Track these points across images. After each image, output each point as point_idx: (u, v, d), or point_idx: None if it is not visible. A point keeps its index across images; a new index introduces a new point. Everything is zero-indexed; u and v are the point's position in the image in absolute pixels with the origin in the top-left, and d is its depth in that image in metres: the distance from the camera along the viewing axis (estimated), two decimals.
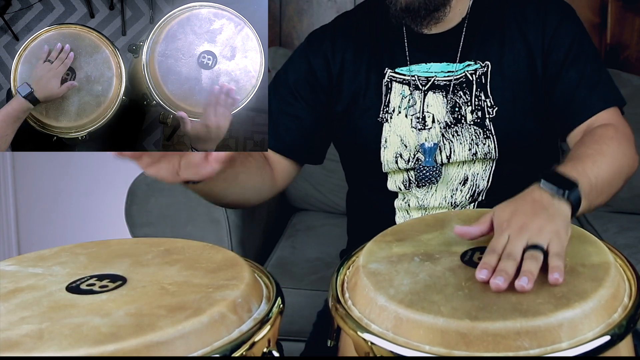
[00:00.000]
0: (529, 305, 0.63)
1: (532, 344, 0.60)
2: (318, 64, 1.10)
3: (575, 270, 0.70)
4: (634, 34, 2.19)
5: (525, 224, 0.73)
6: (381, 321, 0.66)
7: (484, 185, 1.04)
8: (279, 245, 1.81)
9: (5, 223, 2.32)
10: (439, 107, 1.04)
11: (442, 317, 0.63)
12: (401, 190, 1.07)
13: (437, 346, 0.62)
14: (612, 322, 0.64)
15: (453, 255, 0.76)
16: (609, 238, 1.75)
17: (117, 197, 1.69)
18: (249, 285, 0.71)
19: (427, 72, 1.06)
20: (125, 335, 0.60)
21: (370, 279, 0.71)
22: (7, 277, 0.75)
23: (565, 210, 0.77)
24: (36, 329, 0.62)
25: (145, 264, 0.77)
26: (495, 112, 1.03)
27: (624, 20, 2.18)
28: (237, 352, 0.63)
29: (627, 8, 2.17)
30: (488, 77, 1.04)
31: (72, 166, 2.27)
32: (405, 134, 1.05)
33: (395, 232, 0.84)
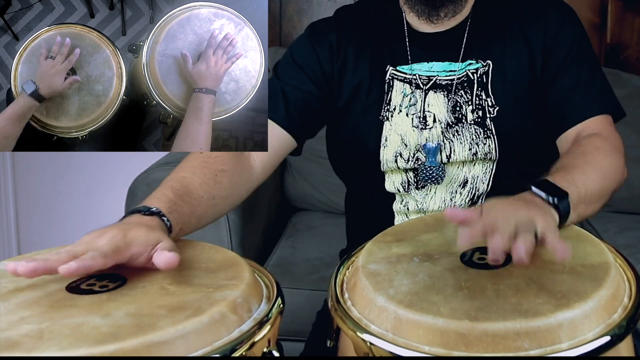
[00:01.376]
0: (529, 306, 0.63)
1: (531, 345, 0.60)
2: (322, 53, 1.09)
3: (575, 270, 0.70)
4: (634, 34, 2.19)
5: (517, 210, 0.73)
6: (380, 322, 0.66)
7: (484, 188, 1.04)
8: (279, 245, 1.81)
9: (5, 223, 2.33)
10: (439, 106, 1.04)
11: (442, 317, 0.63)
12: (399, 192, 1.07)
13: (436, 347, 0.62)
14: (612, 323, 0.64)
15: (453, 255, 0.76)
16: (609, 238, 1.75)
17: (117, 197, 1.69)
18: (249, 285, 0.71)
19: (428, 71, 1.06)
20: (126, 335, 0.60)
21: (370, 279, 0.71)
22: (8, 277, 0.75)
23: (554, 216, 0.77)
24: (36, 328, 0.62)
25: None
26: (496, 111, 1.03)
27: (624, 20, 2.18)
28: (237, 352, 0.63)
29: (627, 8, 2.17)
30: (489, 77, 1.04)
31: (72, 166, 2.27)
32: (406, 133, 1.05)
33: (395, 233, 0.84)
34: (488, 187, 1.04)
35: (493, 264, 0.69)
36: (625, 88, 1.95)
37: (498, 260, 0.68)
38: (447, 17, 1.04)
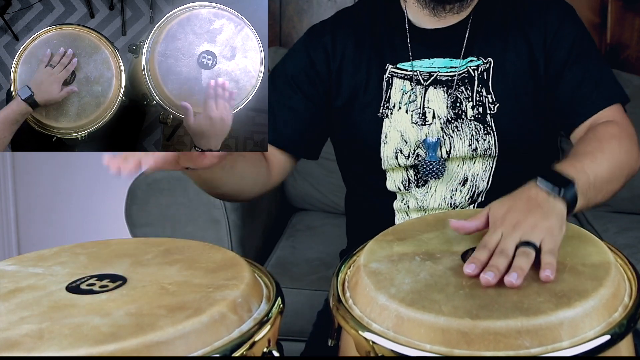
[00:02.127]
0: (530, 304, 0.63)
1: (533, 343, 0.60)
2: (318, 58, 1.10)
3: (575, 269, 0.70)
4: (634, 34, 2.19)
5: (519, 222, 0.74)
6: (382, 320, 0.66)
7: (484, 186, 1.04)
8: (279, 245, 1.81)
9: (5, 223, 2.32)
10: (439, 102, 1.04)
11: (443, 316, 0.63)
12: (400, 191, 1.07)
13: (438, 345, 0.62)
14: (612, 321, 0.64)
15: (454, 254, 0.76)
16: (609, 238, 1.75)
17: (117, 197, 1.69)
18: (249, 285, 0.71)
19: (429, 67, 1.06)
20: (126, 335, 0.60)
21: (371, 278, 0.71)
22: (7, 277, 0.75)
23: (560, 208, 0.77)
24: (36, 328, 0.62)
25: (146, 264, 0.77)
26: (497, 108, 1.03)
27: (624, 20, 2.18)
28: (237, 352, 0.63)
29: (627, 8, 2.17)
30: (490, 74, 1.04)
31: (72, 166, 2.27)
32: (406, 130, 1.05)
33: (396, 232, 0.84)
34: (488, 184, 1.04)
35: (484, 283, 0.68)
36: (625, 88, 1.94)
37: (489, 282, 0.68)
38: (451, 12, 1.04)
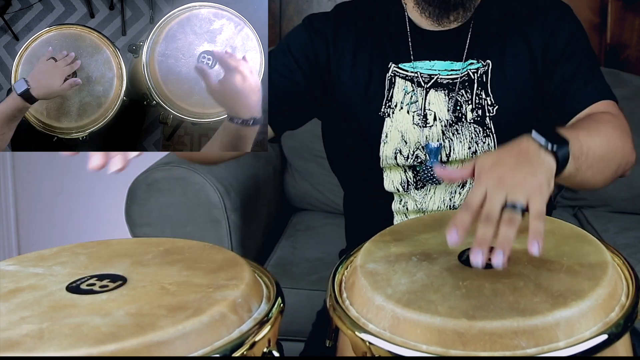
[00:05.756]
0: (526, 304, 0.63)
1: (529, 343, 0.60)
2: (319, 44, 1.08)
3: (572, 269, 0.70)
4: (634, 34, 2.19)
5: (505, 177, 0.71)
6: (378, 321, 0.66)
7: None
8: (279, 245, 1.81)
9: (5, 223, 2.33)
10: (440, 105, 1.05)
11: (439, 316, 0.63)
12: (398, 192, 1.07)
13: (434, 345, 0.62)
14: (609, 321, 0.64)
15: (450, 255, 0.76)
16: (609, 238, 1.75)
17: (117, 197, 1.69)
18: (249, 285, 0.71)
19: (430, 69, 1.06)
20: (126, 335, 0.60)
21: (368, 278, 0.71)
22: (8, 277, 0.75)
23: (550, 163, 0.76)
24: (36, 328, 0.62)
25: (146, 264, 0.77)
26: (496, 110, 1.03)
27: (624, 20, 2.18)
28: (237, 352, 0.63)
29: (627, 8, 2.17)
30: (489, 76, 1.04)
31: (72, 166, 2.27)
32: (407, 130, 1.05)
33: (394, 232, 0.84)
34: None
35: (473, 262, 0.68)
36: (625, 88, 1.95)
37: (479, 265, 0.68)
38: (456, 21, 1.05)
